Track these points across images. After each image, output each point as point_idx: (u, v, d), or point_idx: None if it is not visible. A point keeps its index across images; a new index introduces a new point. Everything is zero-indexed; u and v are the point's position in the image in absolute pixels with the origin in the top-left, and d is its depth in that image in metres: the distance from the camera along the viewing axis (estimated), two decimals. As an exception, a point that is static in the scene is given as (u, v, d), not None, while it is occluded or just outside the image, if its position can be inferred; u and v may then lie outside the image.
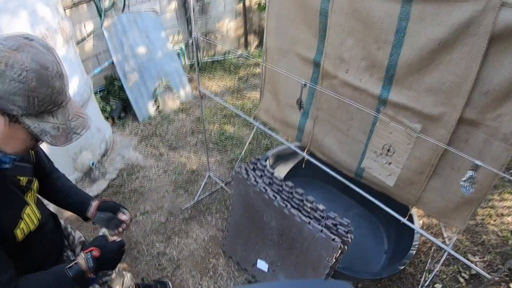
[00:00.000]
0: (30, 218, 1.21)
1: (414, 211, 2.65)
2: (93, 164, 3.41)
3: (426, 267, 2.79)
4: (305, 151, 2.50)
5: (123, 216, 1.66)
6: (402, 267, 2.39)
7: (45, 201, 1.52)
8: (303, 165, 2.49)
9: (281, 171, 3.21)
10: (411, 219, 2.52)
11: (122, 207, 1.68)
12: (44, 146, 1.39)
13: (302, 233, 2.10)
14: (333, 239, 1.96)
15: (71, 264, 1.21)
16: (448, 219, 1.96)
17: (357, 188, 2.00)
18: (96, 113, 3.69)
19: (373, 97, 1.85)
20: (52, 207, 1.65)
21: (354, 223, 3.02)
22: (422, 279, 2.71)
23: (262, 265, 2.56)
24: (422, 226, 3.05)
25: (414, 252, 2.46)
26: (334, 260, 2.06)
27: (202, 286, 2.70)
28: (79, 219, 1.65)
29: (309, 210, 2.11)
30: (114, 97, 4.22)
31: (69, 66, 3.06)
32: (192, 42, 4.84)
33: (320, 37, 1.94)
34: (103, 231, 1.48)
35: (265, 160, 3.04)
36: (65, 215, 2.98)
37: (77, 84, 3.20)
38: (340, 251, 2.01)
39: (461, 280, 2.71)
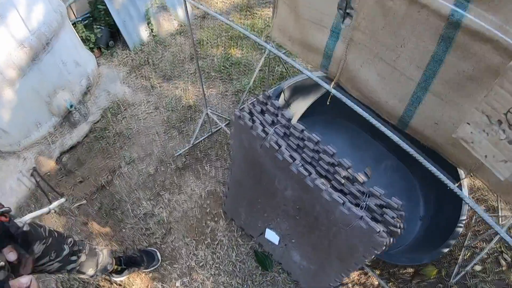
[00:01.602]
0: None
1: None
2: (71, 105, 2.61)
3: (466, 242, 1.92)
4: (332, 83, 1.54)
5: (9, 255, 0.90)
6: (447, 250, 1.64)
7: None
8: (328, 101, 1.54)
9: (299, 107, 2.26)
10: (459, 188, 1.66)
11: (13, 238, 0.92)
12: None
13: (331, 215, 1.25)
14: (378, 233, 1.08)
15: None
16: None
17: (395, 136, 1.08)
18: (73, 45, 2.78)
19: (438, 17, 1.02)
20: None
21: (386, 179, 2.22)
22: (461, 256, 1.91)
23: (271, 236, 1.77)
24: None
25: (461, 229, 1.69)
26: (373, 257, 1.22)
27: (198, 257, 2.00)
28: None
29: (343, 180, 1.22)
30: (99, 24, 3.25)
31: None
32: None
33: None
34: None
35: (279, 95, 2.07)
36: None
37: (42, 12, 2.29)
38: (384, 247, 1.15)
39: (503, 262, 1.89)
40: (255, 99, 1.54)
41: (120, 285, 2.01)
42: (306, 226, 1.47)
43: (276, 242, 1.76)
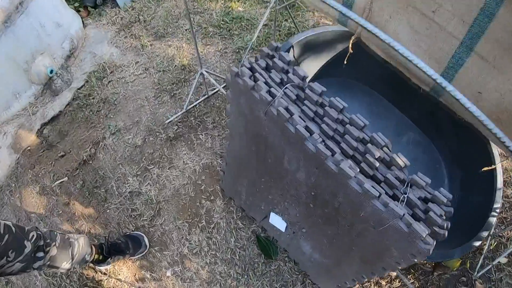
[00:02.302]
0: None
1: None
2: (52, 71, 2.24)
3: (492, 231, 1.46)
4: (351, 40, 1.12)
5: None
6: (479, 243, 1.26)
7: None
8: (345, 61, 1.11)
9: (310, 67, 1.79)
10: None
11: None
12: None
13: (359, 210, 0.86)
14: (423, 239, 0.67)
15: None
16: None
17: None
18: (52, 5, 2.36)
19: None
20: None
21: (408, 154, 1.72)
22: (486, 247, 1.52)
23: (277, 221, 1.38)
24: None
25: (495, 219, 1.31)
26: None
27: (191, 242, 1.64)
28: None
29: (376, 163, 0.81)
30: (84, -24, 2.79)
31: None
32: None
33: None
34: None
35: (288, 51, 1.61)
36: None
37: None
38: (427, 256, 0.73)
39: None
40: (258, 52, 1.09)
41: (105, 274, 1.70)
42: (322, 217, 1.06)
43: (283, 229, 1.37)
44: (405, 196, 0.82)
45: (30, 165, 2.06)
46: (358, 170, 0.85)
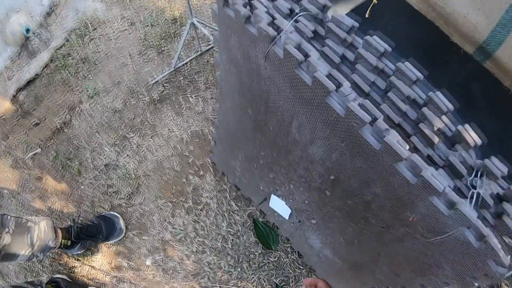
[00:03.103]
0: None
1: None
2: (28, 30, 1.91)
3: None
4: None
5: None
6: None
7: None
8: (367, 14, 0.70)
9: None
10: None
11: None
12: None
13: (406, 209, 0.49)
14: (497, 258, 0.30)
15: None
16: None
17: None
18: None
19: None
20: None
21: None
22: None
23: (279, 206, 1.01)
24: None
25: None
26: None
27: (175, 226, 1.32)
28: None
29: (435, 138, 0.41)
30: None
31: None
32: None
33: None
34: None
35: None
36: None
37: None
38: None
39: None
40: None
41: (78, 259, 1.41)
42: (342, 210, 0.69)
43: (286, 216, 1.01)
44: (476, 192, 0.44)
45: (3, 135, 1.77)
46: (407, 147, 0.47)
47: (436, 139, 0.53)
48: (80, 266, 1.41)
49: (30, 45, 1.96)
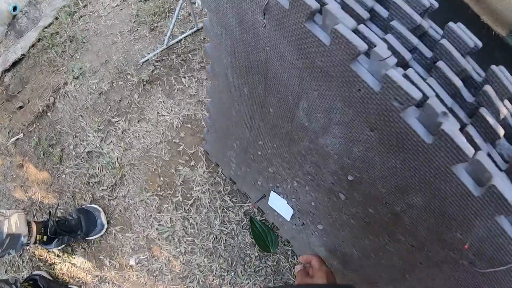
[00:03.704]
0: None
1: None
2: (15, 8, 1.74)
3: None
4: None
5: None
6: None
7: None
8: None
9: None
10: None
11: None
12: None
13: (457, 228, 0.32)
14: None
15: None
16: None
17: None
18: None
19: None
20: None
21: None
22: None
23: (279, 205, 0.82)
24: None
25: None
26: None
27: (162, 223, 1.14)
28: None
29: (500, 129, 0.21)
30: None
31: None
32: None
33: None
34: None
35: None
36: None
37: None
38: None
39: None
40: None
41: (58, 256, 1.26)
42: (358, 219, 0.51)
43: (287, 217, 0.82)
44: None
45: None
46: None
47: (501, 131, 0.34)
48: (60, 263, 1.26)
49: (18, 24, 1.80)
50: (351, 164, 0.46)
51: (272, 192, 0.84)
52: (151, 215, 1.16)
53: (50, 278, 1.26)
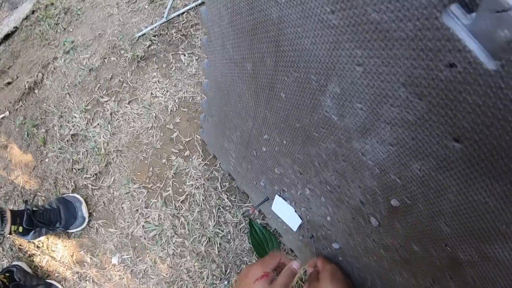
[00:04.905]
0: None
1: None
2: (10, -29, 1.57)
3: None
4: None
5: None
6: None
7: None
8: None
9: None
10: None
11: None
12: None
13: None
14: None
15: None
16: None
17: None
18: None
19: None
20: None
21: None
22: None
23: (284, 212, 0.63)
24: None
25: None
26: None
27: (148, 220, 0.97)
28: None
29: None
30: None
31: None
32: None
33: None
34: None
35: None
36: None
37: None
38: None
39: None
40: None
41: (38, 247, 1.11)
42: (393, 251, 0.30)
43: (294, 227, 0.63)
44: None
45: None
46: None
47: None
48: (39, 255, 1.11)
49: (12, -6, 1.62)
50: (402, 186, 0.27)
51: (277, 196, 0.65)
52: (137, 210, 0.99)
53: (29, 270, 1.11)
